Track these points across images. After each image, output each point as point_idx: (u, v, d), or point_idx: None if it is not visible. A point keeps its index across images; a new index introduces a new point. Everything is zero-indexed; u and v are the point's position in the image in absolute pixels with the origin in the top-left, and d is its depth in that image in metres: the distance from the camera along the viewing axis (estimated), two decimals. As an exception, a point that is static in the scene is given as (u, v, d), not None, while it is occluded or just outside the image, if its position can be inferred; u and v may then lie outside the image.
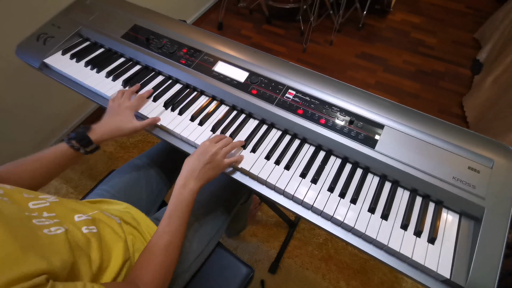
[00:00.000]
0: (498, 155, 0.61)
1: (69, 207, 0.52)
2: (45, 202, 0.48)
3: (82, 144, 0.64)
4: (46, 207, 0.47)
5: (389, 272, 1.22)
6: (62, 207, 0.50)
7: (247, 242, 1.31)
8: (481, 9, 2.38)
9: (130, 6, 0.97)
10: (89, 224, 0.50)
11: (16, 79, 1.27)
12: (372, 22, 2.30)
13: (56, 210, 0.48)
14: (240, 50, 0.83)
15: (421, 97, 1.84)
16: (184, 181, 0.59)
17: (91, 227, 0.50)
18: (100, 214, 0.57)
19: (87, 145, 0.65)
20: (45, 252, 0.36)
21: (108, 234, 0.53)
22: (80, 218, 0.50)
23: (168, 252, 0.54)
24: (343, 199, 0.62)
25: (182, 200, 0.58)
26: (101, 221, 0.54)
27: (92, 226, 0.50)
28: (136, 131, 0.72)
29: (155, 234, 0.56)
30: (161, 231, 0.55)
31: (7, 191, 0.45)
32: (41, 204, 0.47)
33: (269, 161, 0.68)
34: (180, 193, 0.58)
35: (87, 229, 0.49)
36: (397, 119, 0.68)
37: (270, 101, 0.74)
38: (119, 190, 0.78)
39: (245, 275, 0.75)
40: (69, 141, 0.64)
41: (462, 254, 0.55)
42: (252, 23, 2.33)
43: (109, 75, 0.84)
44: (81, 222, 0.49)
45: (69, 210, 0.51)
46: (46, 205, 0.47)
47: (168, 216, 0.57)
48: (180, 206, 0.57)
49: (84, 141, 0.65)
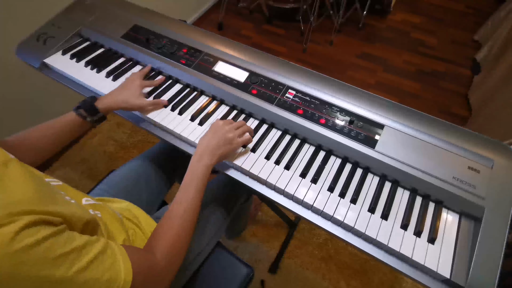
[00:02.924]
0: (498, 155, 0.61)
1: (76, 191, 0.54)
2: (57, 181, 0.50)
3: (89, 112, 0.66)
4: (58, 185, 0.49)
5: (389, 272, 1.22)
6: (70, 189, 0.52)
7: (247, 242, 1.31)
8: (481, 9, 2.38)
9: (130, 6, 0.97)
10: (95, 209, 0.52)
11: (16, 79, 1.27)
12: (372, 22, 2.30)
13: (67, 190, 0.50)
14: (240, 50, 0.83)
15: (421, 97, 1.84)
16: (199, 156, 0.61)
17: (97, 211, 0.52)
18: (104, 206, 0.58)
19: (94, 113, 0.67)
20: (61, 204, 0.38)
21: (111, 223, 0.54)
22: (87, 201, 0.52)
23: (183, 221, 0.54)
24: (343, 199, 0.62)
25: (197, 174, 0.59)
26: (106, 211, 0.56)
27: (98, 211, 0.52)
28: (142, 108, 0.74)
29: (171, 204, 0.56)
30: (178, 201, 0.56)
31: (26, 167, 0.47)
32: (54, 182, 0.49)
33: (269, 161, 0.68)
34: (195, 167, 0.60)
35: (93, 212, 0.50)
36: (397, 119, 0.68)
37: (270, 101, 0.74)
38: (119, 190, 0.78)
39: (245, 275, 0.75)
40: (77, 110, 0.66)
41: (462, 254, 0.55)
42: (252, 23, 2.33)
43: (109, 75, 0.84)
44: (87, 206, 0.51)
45: (77, 194, 0.53)
46: (58, 184, 0.50)
47: (184, 187, 0.58)
48: (196, 179, 0.59)
49: (91, 110, 0.66)
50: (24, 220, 0.31)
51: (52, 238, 0.33)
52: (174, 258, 0.50)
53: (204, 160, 0.60)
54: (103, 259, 0.37)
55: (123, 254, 0.40)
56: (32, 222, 0.32)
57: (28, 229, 0.31)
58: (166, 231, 0.52)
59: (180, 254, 0.52)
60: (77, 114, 0.65)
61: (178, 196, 0.57)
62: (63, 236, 0.34)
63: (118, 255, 0.39)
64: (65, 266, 0.33)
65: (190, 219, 0.56)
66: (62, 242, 0.34)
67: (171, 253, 0.50)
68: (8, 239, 0.30)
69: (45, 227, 0.33)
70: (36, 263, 0.31)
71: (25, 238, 0.31)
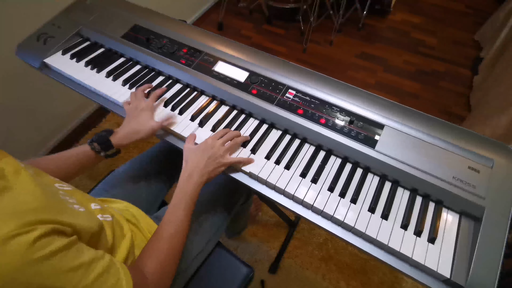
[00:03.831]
0: (498, 155, 0.61)
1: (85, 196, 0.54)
2: (68, 186, 0.51)
3: (103, 147, 0.65)
4: (69, 190, 0.49)
5: (389, 272, 1.22)
6: (79, 194, 0.52)
7: (247, 242, 1.31)
8: (481, 9, 2.37)
9: (130, 6, 0.97)
10: (103, 213, 0.52)
11: (16, 79, 1.27)
12: (372, 22, 2.30)
13: (77, 196, 0.50)
14: (240, 50, 0.83)
15: (421, 97, 1.84)
16: (189, 174, 0.61)
17: (106, 215, 0.52)
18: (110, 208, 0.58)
19: (108, 148, 0.66)
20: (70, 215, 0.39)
21: (118, 226, 0.55)
22: (95, 206, 0.53)
23: (172, 242, 0.55)
24: (343, 198, 0.62)
25: (186, 192, 0.59)
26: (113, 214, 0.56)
27: (107, 214, 0.53)
28: (154, 131, 0.71)
29: (160, 223, 0.57)
30: (167, 221, 0.56)
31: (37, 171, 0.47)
32: (64, 187, 0.49)
33: (269, 161, 0.68)
34: (184, 185, 0.60)
35: (102, 217, 0.51)
36: (397, 119, 0.68)
37: (270, 101, 0.74)
38: (119, 190, 0.78)
39: (245, 275, 0.75)
40: (91, 143, 0.65)
41: (462, 254, 0.55)
42: (252, 23, 2.33)
43: (109, 75, 0.84)
44: (96, 211, 0.52)
45: (86, 199, 0.53)
46: (68, 189, 0.50)
47: (173, 206, 0.58)
48: (185, 198, 0.59)
49: (105, 144, 0.66)
50: (40, 230, 0.32)
51: (65, 250, 0.34)
52: (163, 278, 0.52)
53: (193, 179, 0.60)
54: (107, 278, 0.38)
55: (126, 274, 0.41)
56: (47, 232, 0.32)
57: (44, 239, 0.32)
58: (156, 252, 0.53)
59: (169, 273, 0.54)
60: (91, 148, 0.65)
61: (167, 216, 0.57)
62: (73, 248, 0.35)
63: (121, 275, 0.40)
64: (75, 280, 0.34)
65: (180, 238, 0.56)
66: (73, 255, 0.35)
67: (161, 273, 0.51)
68: (25, 249, 0.30)
69: (58, 238, 0.34)
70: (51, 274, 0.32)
71: (40, 249, 0.31)
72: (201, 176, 0.61)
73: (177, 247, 0.56)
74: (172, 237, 0.55)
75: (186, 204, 0.58)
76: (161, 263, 0.52)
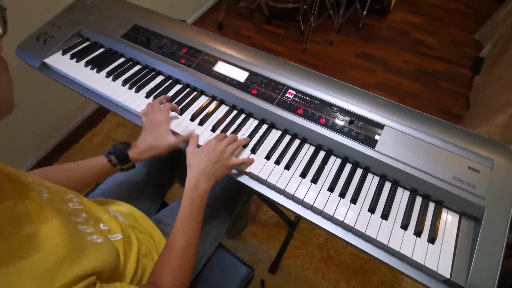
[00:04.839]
0: (498, 155, 0.61)
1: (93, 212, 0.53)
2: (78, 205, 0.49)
3: (120, 160, 0.64)
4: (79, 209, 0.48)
5: (389, 272, 1.22)
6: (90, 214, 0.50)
7: (247, 242, 1.31)
8: (481, 9, 2.37)
9: (130, 6, 0.97)
10: (112, 234, 0.51)
11: (16, 79, 1.27)
12: (372, 22, 2.30)
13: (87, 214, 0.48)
14: (240, 50, 0.83)
15: (421, 97, 1.84)
16: (195, 182, 0.59)
17: (115, 235, 0.51)
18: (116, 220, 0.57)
19: (124, 162, 0.65)
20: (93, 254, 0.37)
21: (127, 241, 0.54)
22: (104, 227, 0.51)
23: (185, 256, 0.54)
24: (343, 199, 0.62)
25: (194, 201, 0.58)
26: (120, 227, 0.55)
27: (116, 234, 0.52)
28: (171, 147, 0.68)
29: (171, 236, 0.55)
30: (177, 234, 0.55)
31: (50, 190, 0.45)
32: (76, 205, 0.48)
33: (269, 161, 0.68)
34: (192, 195, 0.58)
35: (112, 238, 0.50)
36: (397, 119, 0.68)
37: (270, 101, 0.74)
38: (119, 190, 0.78)
39: (245, 275, 0.75)
40: (108, 155, 0.64)
41: (462, 254, 0.55)
42: (252, 23, 2.33)
43: (109, 75, 0.84)
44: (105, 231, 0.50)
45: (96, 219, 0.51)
46: (80, 208, 0.48)
47: (182, 218, 0.56)
48: (193, 208, 0.57)
49: (122, 158, 0.64)
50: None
51: None
52: None
53: (201, 187, 0.58)
54: None
55: None
56: None
57: None
58: (171, 269, 0.51)
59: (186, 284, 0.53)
60: (108, 160, 0.63)
61: (178, 229, 0.55)
62: None
63: None
64: None
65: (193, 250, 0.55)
66: None
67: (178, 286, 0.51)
68: None
69: None
70: None
71: None
72: (208, 183, 0.59)
73: (191, 260, 0.55)
74: (186, 251, 0.54)
75: (197, 215, 0.57)
76: (178, 280, 0.51)
